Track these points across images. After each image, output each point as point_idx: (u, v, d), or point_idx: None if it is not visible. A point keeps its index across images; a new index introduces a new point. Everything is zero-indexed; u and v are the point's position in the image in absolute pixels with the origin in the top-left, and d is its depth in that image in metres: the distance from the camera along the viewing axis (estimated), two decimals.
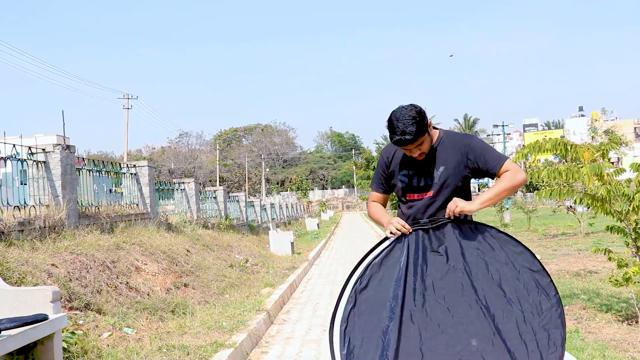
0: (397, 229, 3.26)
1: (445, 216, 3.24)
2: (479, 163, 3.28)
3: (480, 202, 3.22)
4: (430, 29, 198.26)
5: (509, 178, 3.21)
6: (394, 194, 3.62)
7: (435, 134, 3.36)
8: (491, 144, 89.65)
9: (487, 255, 3.19)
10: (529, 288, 3.13)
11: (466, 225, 3.25)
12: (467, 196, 3.40)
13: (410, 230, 3.25)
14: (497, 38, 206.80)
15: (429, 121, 3.21)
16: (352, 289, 3.16)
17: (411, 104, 3.18)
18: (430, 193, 3.34)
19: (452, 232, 3.23)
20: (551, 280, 3.18)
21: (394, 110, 3.18)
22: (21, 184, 8.58)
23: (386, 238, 3.30)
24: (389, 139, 3.23)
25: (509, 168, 3.24)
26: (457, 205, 3.19)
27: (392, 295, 3.11)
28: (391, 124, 3.16)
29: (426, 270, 3.16)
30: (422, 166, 3.35)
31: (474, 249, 3.19)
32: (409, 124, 3.10)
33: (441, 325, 3.03)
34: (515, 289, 3.12)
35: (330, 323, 3.14)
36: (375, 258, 3.23)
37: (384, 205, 3.67)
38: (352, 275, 3.22)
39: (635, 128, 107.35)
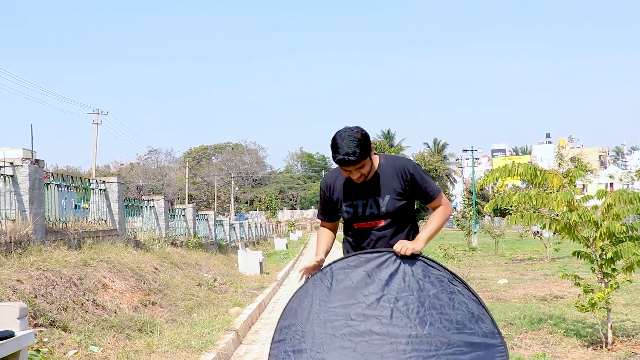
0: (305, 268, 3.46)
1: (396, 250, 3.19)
2: (419, 190, 3.35)
3: (424, 240, 3.27)
4: (402, 52, 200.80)
5: (442, 214, 3.36)
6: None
7: (376, 160, 3.36)
8: (460, 168, 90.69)
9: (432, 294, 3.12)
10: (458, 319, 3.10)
11: (416, 262, 3.19)
12: (412, 212, 3.45)
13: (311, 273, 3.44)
14: (468, 64, 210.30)
15: (372, 146, 3.22)
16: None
17: (357, 126, 3.18)
18: (382, 222, 3.34)
19: (403, 268, 3.17)
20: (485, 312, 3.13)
21: (339, 130, 3.17)
22: None
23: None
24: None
25: (442, 203, 3.38)
26: (406, 247, 3.15)
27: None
28: (335, 143, 3.14)
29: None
30: (366, 194, 3.34)
31: (422, 290, 3.13)
32: (353, 145, 3.09)
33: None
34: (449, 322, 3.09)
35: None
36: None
37: (335, 229, 3.65)
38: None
39: (600, 156, 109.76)
